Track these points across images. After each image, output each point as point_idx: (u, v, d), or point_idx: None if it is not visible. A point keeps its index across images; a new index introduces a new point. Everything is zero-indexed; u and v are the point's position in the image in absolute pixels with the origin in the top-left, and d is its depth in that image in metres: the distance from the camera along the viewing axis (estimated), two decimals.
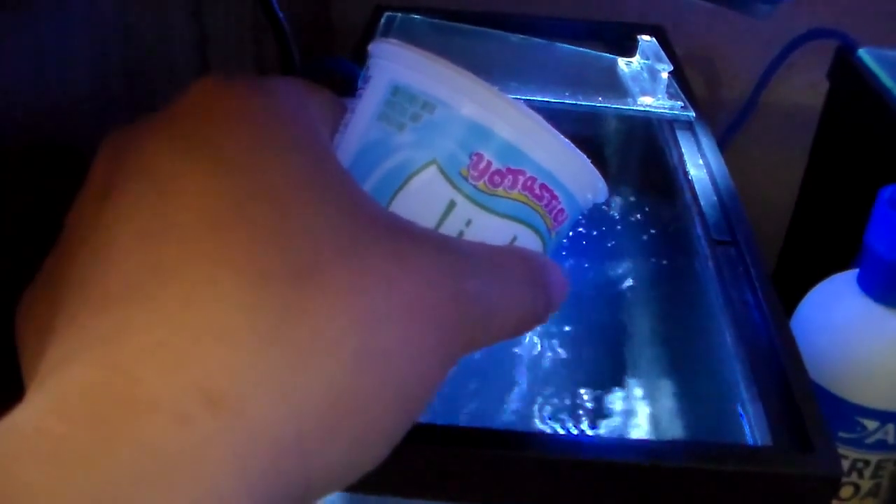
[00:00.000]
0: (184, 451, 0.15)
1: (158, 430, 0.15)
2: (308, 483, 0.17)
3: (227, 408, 0.16)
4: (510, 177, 0.22)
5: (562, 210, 0.24)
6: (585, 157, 0.23)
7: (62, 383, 0.16)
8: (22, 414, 0.16)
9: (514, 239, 0.23)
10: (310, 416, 0.17)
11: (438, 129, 0.22)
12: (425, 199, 0.22)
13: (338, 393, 0.17)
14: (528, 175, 0.22)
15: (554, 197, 0.23)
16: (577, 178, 0.23)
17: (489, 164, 0.22)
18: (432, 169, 0.22)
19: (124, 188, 0.19)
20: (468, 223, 0.22)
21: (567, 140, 0.23)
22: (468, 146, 0.22)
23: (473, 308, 0.20)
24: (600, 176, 0.24)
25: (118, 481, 0.15)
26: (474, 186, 0.22)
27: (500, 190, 0.22)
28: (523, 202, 0.23)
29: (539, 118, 0.22)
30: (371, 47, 0.24)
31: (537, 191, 0.23)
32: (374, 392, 0.18)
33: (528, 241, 0.23)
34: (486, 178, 0.22)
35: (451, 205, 0.22)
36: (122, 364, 0.16)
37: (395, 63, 0.23)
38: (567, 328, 0.44)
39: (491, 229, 0.22)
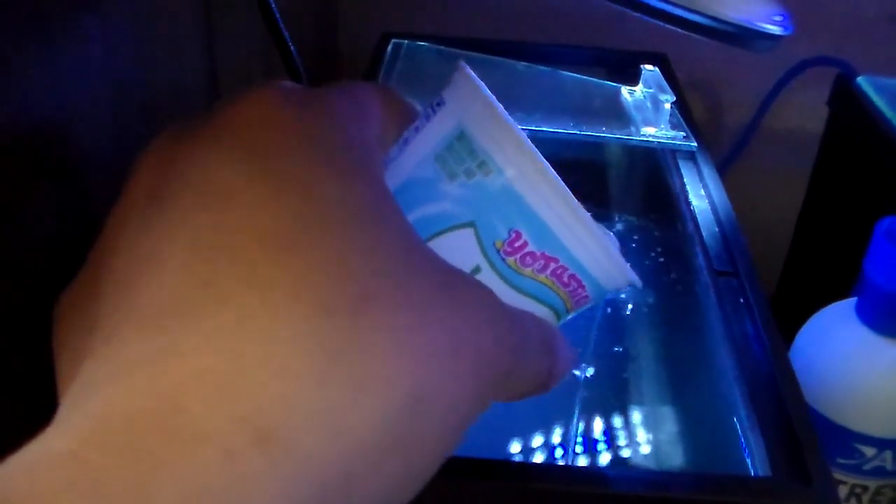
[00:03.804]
0: (230, 489, 0.15)
1: (205, 466, 0.15)
2: None
3: (277, 444, 0.15)
4: (542, 261, 0.22)
5: (586, 297, 0.24)
6: (621, 256, 0.23)
7: (103, 408, 0.15)
8: (57, 438, 0.15)
9: None
10: (358, 456, 0.16)
11: (487, 194, 0.22)
12: (453, 256, 0.21)
13: (385, 432, 0.17)
14: (560, 264, 0.22)
15: (581, 286, 0.23)
16: (609, 274, 0.23)
17: (525, 244, 0.22)
18: (468, 231, 0.22)
19: (177, 198, 0.18)
20: None
21: (605, 239, 0.23)
22: (510, 221, 0.22)
23: (505, 359, 0.20)
24: (634, 274, 0.24)
25: None
26: (504, 261, 0.22)
27: (528, 271, 0.22)
28: (549, 286, 0.23)
29: (584, 212, 0.22)
30: (461, 65, 0.23)
31: (565, 279, 0.23)
32: (420, 433, 0.18)
33: (544, 316, 0.23)
34: (518, 256, 0.22)
35: (476, 269, 0.22)
36: (169, 391, 0.15)
37: (471, 107, 0.22)
38: None
39: (509, 302, 0.22)
